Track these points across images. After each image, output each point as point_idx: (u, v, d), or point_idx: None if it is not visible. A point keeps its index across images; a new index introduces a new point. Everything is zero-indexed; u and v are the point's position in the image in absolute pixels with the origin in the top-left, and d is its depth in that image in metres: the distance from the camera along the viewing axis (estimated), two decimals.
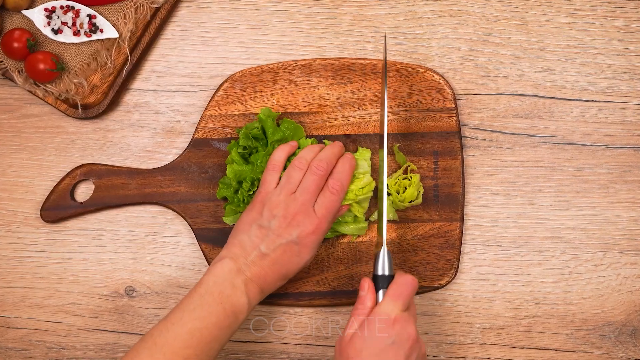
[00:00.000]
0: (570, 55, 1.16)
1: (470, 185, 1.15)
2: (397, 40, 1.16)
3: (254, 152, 1.09)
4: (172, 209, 1.14)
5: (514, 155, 1.15)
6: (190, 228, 1.13)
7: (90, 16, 1.14)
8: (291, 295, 1.12)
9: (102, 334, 1.14)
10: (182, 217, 1.13)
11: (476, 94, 1.16)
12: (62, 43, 1.14)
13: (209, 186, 1.13)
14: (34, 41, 1.12)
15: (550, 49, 1.16)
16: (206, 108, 1.14)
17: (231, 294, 0.99)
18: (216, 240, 1.12)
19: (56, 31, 1.13)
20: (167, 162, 1.14)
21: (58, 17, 1.13)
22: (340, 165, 1.05)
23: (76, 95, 1.14)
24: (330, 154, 1.05)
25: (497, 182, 1.15)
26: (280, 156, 1.06)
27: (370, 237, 1.12)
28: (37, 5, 1.14)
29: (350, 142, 1.13)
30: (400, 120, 1.14)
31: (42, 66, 1.11)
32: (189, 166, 1.14)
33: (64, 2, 1.13)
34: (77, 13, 1.13)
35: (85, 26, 1.14)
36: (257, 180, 1.07)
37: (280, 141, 1.09)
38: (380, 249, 1.01)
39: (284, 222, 1.01)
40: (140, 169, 1.14)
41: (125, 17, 1.14)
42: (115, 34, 1.14)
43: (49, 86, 1.13)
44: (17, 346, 1.14)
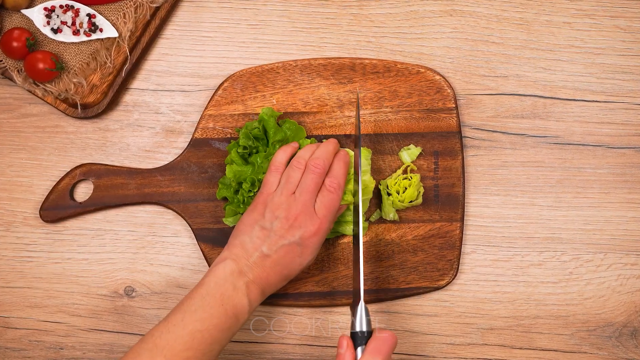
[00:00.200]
0: (571, 55, 1.16)
1: (471, 186, 1.15)
2: (398, 40, 1.16)
3: (254, 153, 1.09)
4: (171, 209, 1.13)
5: (514, 156, 1.15)
6: (189, 228, 1.13)
7: (89, 15, 1.13)
8: (291, 296, 1.12)
9: (102, 334, 1.14)
10: (182, 217, 1.13)
11: (477, 94, 1.16)
12: (61, 42, 1.14)
13: (208, 186, 1.13)
14: (33, 40, 1.12)
15: (551, 49, 1.16)
16: (206, 108, 1.14)
17: (232, 295, 0.98)
18: (216, 240, 1.12)
19: (55, 30, 1.13)
20: (166, 162, 1.14)
21: (57, 16, 1.13)
22: (335, 163, 1.06)
23: (75, 95, 1.14)
24: (325, 151, 1.06)
25: (498, 182, 1.15)
26: (282, 157, 1.06)
27: (371, 238, 1.12)
28: (37, 5, 1.14)
29: (351, 142, 1.13)
30: (401, 120, 1.13)
31: (41, 65, 1.11)
32: (189, 166, 1.13)
33: (64, 2, 1.13)
34: (76, 12, 1.13)
35: (85, 25, 1.13)
36: (258, 181, 1.07)
37: (282, 141, 1.09)
38: (358, 304, 1.00)
39: (286, 224, 1.01)
40: (139, 168, 1.14)
41: (124, 17, 1.14)
42: (114, 34, 1.14)
43: (49, 86, 1.13)
44: (16, 346, 1.13)
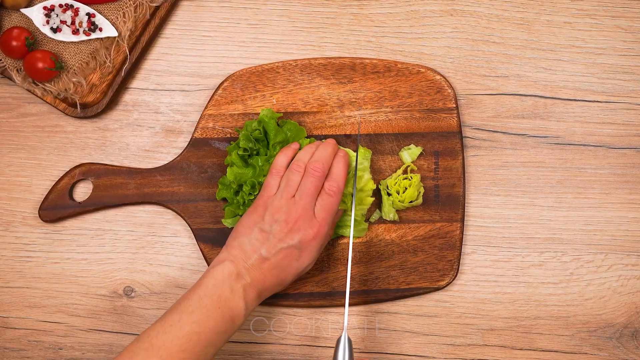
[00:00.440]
0: (572, 55, 1.16)
1: (471, 186, 1.15)
2: (398, 40, 1.16)
3: (254, 154, 1.09)
4: (171, 209, 1.13)
5: (515, 156, 1.15)
6: (189, 228, 1.13)
7: (89, 15, 1.13)
8: (291, 296, 1.12)
9: (101, 334, 1.13)
10: (181, 217, 1.13)
11: (477, 94, 1.15)
12: (61, 42, 1.14)
13: (208, 186, 1.13)
14: (32, 40, 1.12)
15: (551, 49, 1.16)
16: (206, 107, 1.14)
17: (229, 298, 0.98)
18: (215, 240, 1.12)
19: (55, 30, 1.13)
20: (166, 162, 1.14)
21: (57, 15, 1.13)
22: (335, 165, 1.05)
23: (75, 94, 1.14)
24: (324, 153, 1.05)
25: (498, 182, 1.15)
26: (283, 161, 1.06)
27: (371, 238, 1.12)
28: (36, 4, 1.14)
29: (351, 142, 1.13)
30: (401, 120, 1.13)
31: (40, 65, 1.11)
32: (188, 166, 1.13)
33: (63, 1, 1.13)
34: (76, 11, 1.13)
35: (84, 25, 1.13)
36: (259, 184, 1.07)
37: (282, 143, 1.08)
38: (341, 334, 1.00)
39: (285, 227, 1.01)
40: (139, 168, 1.14)
41: (124, 16, 1.14)
42: (114, 33, 1.13)
43: (48, 85, 1.13)
44: (15, 346, 1.13)
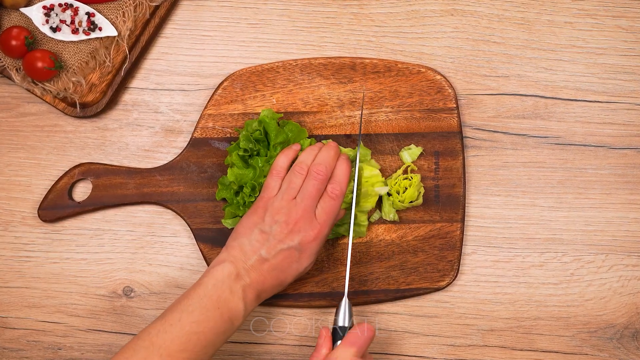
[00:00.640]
0: (573, 55, 1.16)
1: (472, 186, 1.14)
2: (398, 40, 1.16)
3: (254, 155, 1.08)
4: (170, 209, 1.13)
5: (515, 156, 1.15)
6: (189, 228, 1.13)
7: (88, 14, 1.13)
8: (291, 296, 1.12)
9: (100, 334, 1.13)
10: (181, 217, 1.13)
11: (478, 94, 1.15)
12: (60, 41, 1.14)
13: (208, 186, 1.13)
14: (32, 39, 1.12)
15: (552, 48, 1.16)
16: (205, 107, 1.13)
17: (229, 299, 0.98)
18: (215, 240, 1.12)
19: (54, 29, 1.13)
20: (165, 162, 1.14)
21: (56, 15, 1.13)
22: (338, 168, 1.05)
23: (74, 94, 1.13)
24: (327, 156, 1.05)
25: (499, 183, 1.14)
26: (284, 162, 1.06)
27: (371, 238, 1.12)
28: (36, 3, 1.13)
29: (351, 142, 1.13)
30: (401, 120, 1.13)
31: (40, 64, 1.11)
32: (188, 166, 1.13)
33: (63, 0, 1.13)
34: (75, 11, 1.13)
35: (84, 24, 1.13)
36: (259, 185, 1.06)
37: (283, 143, 1.08)
38: (342, 298, 1.02)
39: (285, 228, 1.01)
40: (138, 168, 1.14)
41: (124, 15, 1.14)
42: (114, 32, 1.13)
43: (47, 84, 1.13)
44: (14, 346, 1.13)
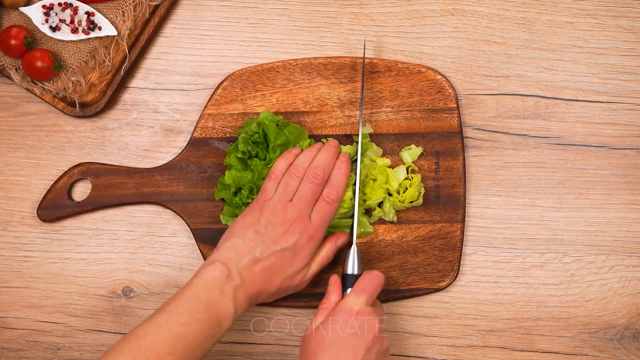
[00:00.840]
0: (574, 55, 1.15)
1: (472, 186, 1.14)
2: (399, 40, 1.16)
3: (253, 157, 1.08)
4: (170, 209, 1.13)
5: (516, 156, 1.14)
6: (188, 228, 1.13)
7: (88, 13, 1.13)
8: (290, 296, 1.12)
9: (99, 334, 1.13)
10: (181, 217, 1.13)
11: (478, 94, 1.15)
12: (60, 40, 1.14)
13: (207, 186, 1.12)
14: (31, 38, 1.12)
15: (553, 48, 1.15)
16: (205, 107, 1.13)
17: (219, 300, 0.98)
18: (215, 240, 1.11)
19: (54, 28, 1.12)
20: (165, 162, 1.14)
21: (56, 14, 1.13)
22: (336, 172, 1.05)
23: (74, 94, 1.13)
24: (326, 159, 1.05)
25: (499, 183, 1.14)
26: (282, 166, 1.06)
27: (371, 238, 1.12)
28: (35, 2, 1.13)
29: (351, 142, 1.13)
30: (402, 120, 1.13)
31: (39, 64, 1.10)
32: (188, 165, 1.13)
33: None
34: (75, 10, 1.13)
35: (84, 24, 1.13)
36: (257, 187, 1.06)
37: (283, 146, 1.08)
38: (350, 247, 1.04)
39: (280, 230, 1.01)
40: (138, 168, 1.13)
41: (124, 15, 1.14)
42: (113, 32, 1.13)
43: (47, 84, 1.13)
44: (13, 347, 1.13)
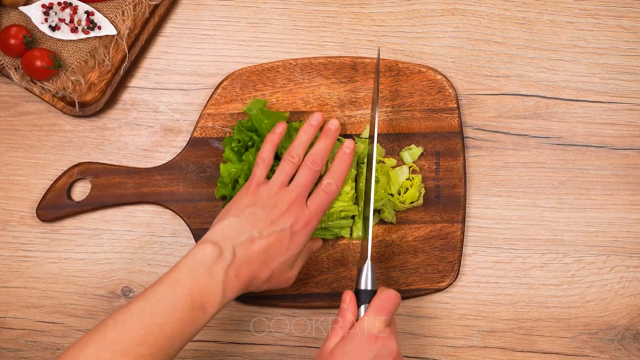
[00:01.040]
0: (574, 55, 1.15)
1: (472, 187, 1.14)
2: (399, 39, 1.15)
3: (249, 146, 1.07)
4: (170, 209, 1.13)
5: (516, 156, 1.14)
6: (188, 228, 1.12)
7: (88, 13, 1.13)
8: (290, 297, 1.12)
9: None
10: (180, 217, 1.12)
11: (478, 94, 1.15)
12: (59, 40, 1.13)
13: (207, 186, 1.12)
14: (30, 38, 1.11)
15: (553, 48, 1.15)
16: (205, 107, 1.13)
17: (205, 282, 0.93)
18: None
19: (53, 28, 1.12)
20: (165, 161, 1.13)
21: (55, 13, 1.12)
22: (337, 163, 1.03)
23: (73, 93, 1.13)
24: (325, 147, 1.03)
25: (500, 183, 1.14)
26: (268, 149, 1.02)
27: (371, 238, 1.11)
28: (35, 2, 1.13)
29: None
30: (402, 120, 1.13)
31: (39, 63, 1.10)
32: (188, 165, 1.12)
33: None
34: (74, 10, 1.12)
35: (83, 23, 1.13)
36: None
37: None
38: (364, 262, 1.00)
39: (278, 211, 0.98)
40: (137, 168, 1.13)
41: (123, 14, 1.14)
42: (113, 31, 1.13)
43: (46, 83, 1.12)
44: (12, 347, 1.13)
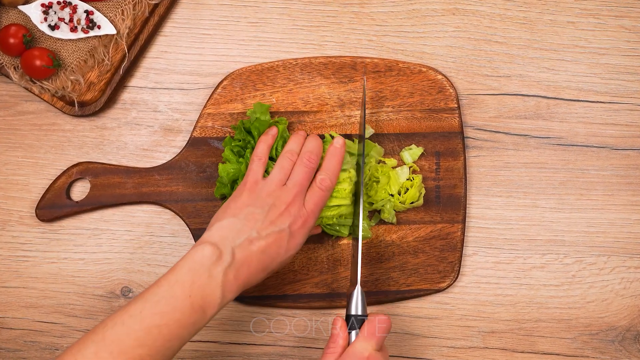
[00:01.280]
0: (575, 55, 1.15)
1: (473, 187, 1.14)
2: (399, 39, 1.15)
3: (248, 147, 1.07)
4: (169, 209, 1.12)
5: (517, 157, 1.14)
6: (187, 228, 1.12)
7: (87, 12, 1.12)
8: (290, 297, 1.11)
9: None
10: (180, 217, 1.12)
11: (479, 94, 1.15)
12: (58, 39, 1.13)
13: (207, 185, 1.12)
14: (30, 37, 1.11)
15: (554, 48, 1.15)
16: (205, 106, 1.13)
17: (204, 284, 0.93)
18: None
19: (53, 27, 1.12)
20: (164, 161, 1.13)
21: (55, 12, 1.12)
22: (329, 159, 1.04)
23: (73, 93, 1.13)
24: (318, 145, 1.04)
25: (500, 183, 1.14)
26: (263, 148, 1.04)
27: (371, 239, 1.11)
28: (34, 1, 1.13)
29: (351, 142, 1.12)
30: (402, 120, 1.12)
31: (38, 62, 1.10)
32: (187, 165, 1.12)
33: None
34: (74, 9, 1.12)
35: (83, 22, 1.12)
36: None
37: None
38: (354, 288, 1.00)
39: (276, 211, 0.99)
40: (137, 167, 1.13)
41: (123, 14, 1.13)
42: (112, 31, 1.13)
43: (45, 83, 1.12)
44: (11, 347, 1.12)
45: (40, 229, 1.14)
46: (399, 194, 1.10)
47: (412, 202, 1.10)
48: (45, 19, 1.12)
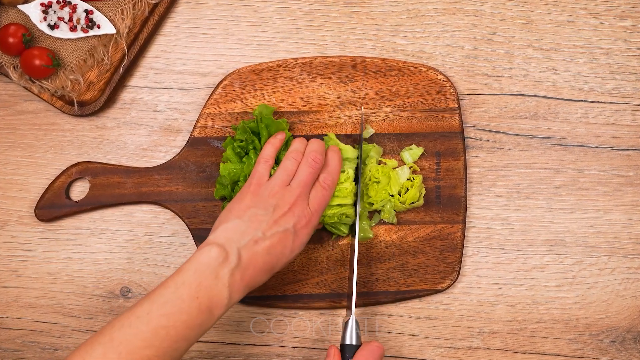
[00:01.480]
0: (576, 55, 1.15)
1: (473, 187, 1.14)
2: (400, 39, 1.15)
3: (250, 149, 1.07)
4: (169, 209, 1.12)
5: (517, 157, 1.14)
6: (187, 228, 1.12)
7: (87, 11, 1.12)
8: (290, 297, 1.11)
9: None
10: (179, 217, 1.12)
11: (480, 94, 1.14)
12: (58, 39, 1.13)
13: (206, 185, 1.12)
14: (29, 36, 1.11)
15: (555, 48, 1.15)
16: (204, 106, 1.13)
17: (211, 286, 0.93)
18: None
19: (52, 26, 1.12)
20: (164, 161, 1.13)
21: (54, 12, 1.12)
22: (330, 159, 1.05)
23: (72, 92, 1.13)
24: (319, 145, 1.05)
25: (500, 183, 1.14)
26: (270, 150, 1.05)
27: (371, 239, 1.11)
28: (33, 0, 1.13)
29: (352, 142, 1.12)
30: (402, 120, 1.12)
31: (37, 62, 1.10)
32: (187, 165, 1.12)
33: None
34: (73, 8, 1.12)
35: (82, 22, 1.12)
36: None
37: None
38: (349, 317, 1.01)
39: (280, 211, 0.99)
40: (136, 167, 1.13)
41: (122, 13, 1.13)
42: (112, 30, 1.13)
43: (45, 82, 1.12)
44: (10, 347, 1.12)
45: (39, 229, 1.13)
46: (399, 194, 1.10)
47: (413, 203, 1.10)
48: (45, 18, 1.12)
